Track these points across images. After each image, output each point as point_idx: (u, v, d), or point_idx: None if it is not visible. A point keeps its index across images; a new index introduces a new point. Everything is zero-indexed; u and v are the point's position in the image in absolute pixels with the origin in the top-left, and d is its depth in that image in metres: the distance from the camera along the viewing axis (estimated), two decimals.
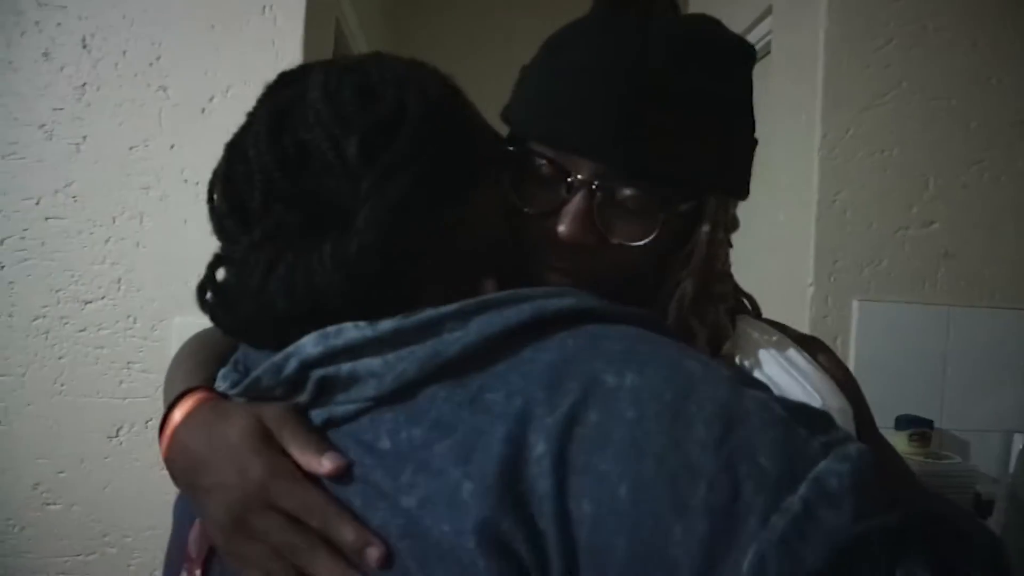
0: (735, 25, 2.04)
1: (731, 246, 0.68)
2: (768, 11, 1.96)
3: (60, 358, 1.43)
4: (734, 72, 0.64)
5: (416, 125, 0.50)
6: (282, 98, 0.53)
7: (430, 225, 0.51)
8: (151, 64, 1.44)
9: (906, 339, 1.67)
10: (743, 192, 0.67)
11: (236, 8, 1.45)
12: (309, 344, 0.47)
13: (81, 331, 1.43)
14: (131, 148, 1.44)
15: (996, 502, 1.47)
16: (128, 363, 1.44)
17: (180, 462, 0.53)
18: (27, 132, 1.42)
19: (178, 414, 0.54)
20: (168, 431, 0.55)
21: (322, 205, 0.49)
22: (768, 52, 1.97)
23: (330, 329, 0.47)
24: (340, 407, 0.47)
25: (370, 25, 2.45)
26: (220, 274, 0.53)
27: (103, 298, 1.44)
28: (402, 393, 0.46)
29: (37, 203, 1.43)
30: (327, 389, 0.48)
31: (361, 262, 0.48)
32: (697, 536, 0.37)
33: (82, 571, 1.43)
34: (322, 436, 0.48)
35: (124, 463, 1.43)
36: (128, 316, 1.44)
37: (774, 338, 0.66)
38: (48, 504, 1.43)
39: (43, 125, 1.43)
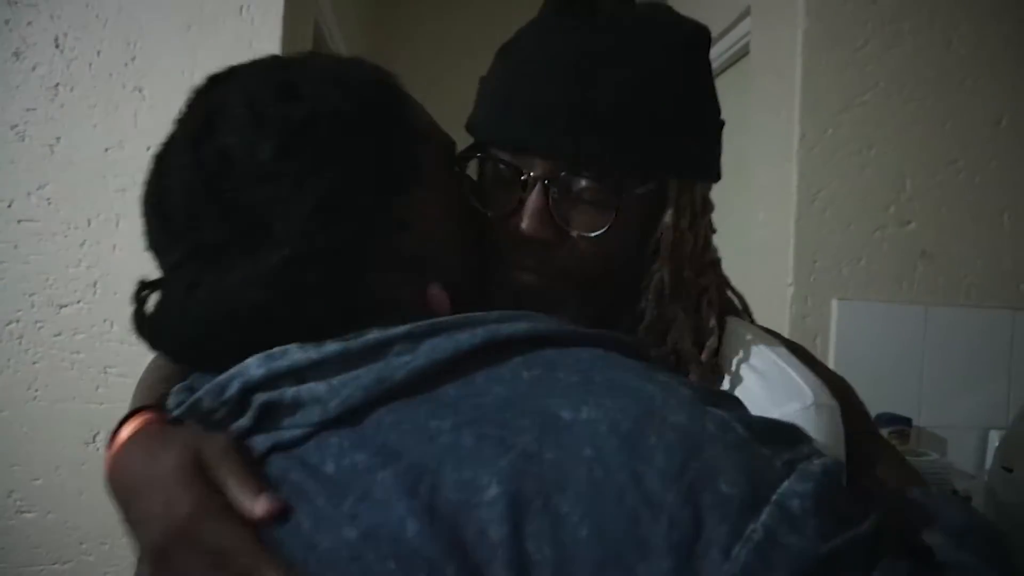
0: (713, 26, 2.05)
1: (714, 231, 0.68)
2: (747, 12, 1.97)
3: (35, 363, 1.41)
4: (685, 56, 0.64)
5: (337, 124, 0.47)
6: (205, 102, 0.50)
7: (362, 230, 0.47)
8: (126, 64, 1.42)
9: (884, 338, 1.68)
10: (706, 174, 0.66)
11: (213, 8, 1.44)
12: (253, 365, 0.45)
13: (56, 336, 1.41)
14: (106, 150, 1.42)
15: (973, 498, 1.49)
16: (105, 368, 1.41)
17: (117, 484, 0.51)
18: None
19: (124, 433, 0.52)
20: (112, 450, 0.53)
21: (246, 217, 0.46)
22: (747, 53, 1.99)
23: (276, 350, 0.45)
24: (287, 432, 0.45)
25: (350, 26, 2.44)
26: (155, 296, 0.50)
27: (79, 302, 1.42)
28: (348, 417, 0.44)
29: (9, 206, 1.40)
30: (271, 414, 0.45)
31: (284, 276, 0.44)
32: (661, 575, 0.37)
33: None
34: (261, 474, 0.45)
35: (101, 469, 1.41)
36: (104, 320, 1.42)
37: (764, 335, 0.67)
38: (23, 512, 1.41)
39: (15, 126, 1.40)
